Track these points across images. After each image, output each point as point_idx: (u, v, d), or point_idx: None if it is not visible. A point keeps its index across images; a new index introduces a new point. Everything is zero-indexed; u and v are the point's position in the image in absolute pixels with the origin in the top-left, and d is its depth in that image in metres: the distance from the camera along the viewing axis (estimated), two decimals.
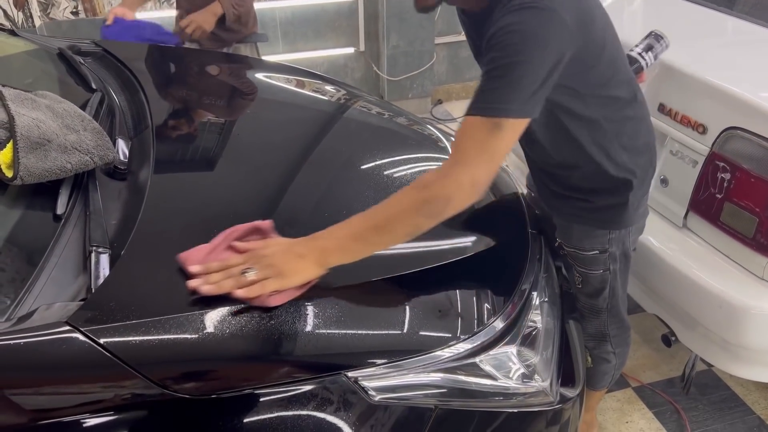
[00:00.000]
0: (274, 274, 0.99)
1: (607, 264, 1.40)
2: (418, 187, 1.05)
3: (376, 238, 1.04)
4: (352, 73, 4.00)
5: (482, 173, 1.04)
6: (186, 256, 1.01)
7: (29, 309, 0.89)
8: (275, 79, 1.90)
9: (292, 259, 1.01)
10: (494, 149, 1.03)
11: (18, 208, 1.08)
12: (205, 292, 0.95)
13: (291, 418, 0.89)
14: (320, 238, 1.04)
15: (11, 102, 1.14)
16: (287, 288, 0.99)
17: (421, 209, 1.03)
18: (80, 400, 0.83)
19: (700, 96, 1.57)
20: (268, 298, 0.97)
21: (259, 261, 1.00)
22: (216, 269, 0.99)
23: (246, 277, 0.97)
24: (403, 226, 1.04)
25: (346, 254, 1.03)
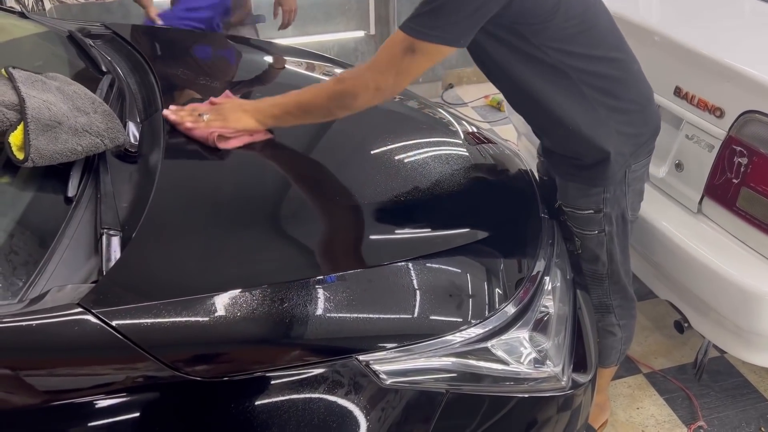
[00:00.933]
0: (220, 118, 1.30)
1: (602, 225, 1.41)
2: (335, 79, 1.26)
3: (299, 113, 1.29)
4: (363, 56, 3.97)
5: (388, 83, 1.19)
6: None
7: (41, 291, 0.89)
8: (286, 62, 1.89)
9: (237, 110, 1.32)
10: (404, 67, 1.17)
11: (29, 190, 1.08)
12: (170, 119, 1.31)
13: (302, 401, 0.89)
14: (262, 102, 1.35)
15: (22, 84, 1.14)
16: (227, 129, 1.29)
17: (332, 98, 1.24)
18: (92, 381, 0.83)
19: (717, 79, 1.54)
20: (215, 140, 1.27)
21: (215, 111, 1.32)
22: (185, 110, 1.33)
23: (201, 118, 1.30)
24: (320, 109, 1.27)
25: (277, 119, 1.32)
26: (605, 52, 1.27)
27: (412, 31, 1.13)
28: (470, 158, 1.49)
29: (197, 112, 1.32)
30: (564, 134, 1.31)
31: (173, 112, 1.33)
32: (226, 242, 1.07)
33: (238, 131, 1.30)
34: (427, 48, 1.14)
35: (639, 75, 1.35)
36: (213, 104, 1.39)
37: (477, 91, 4.06)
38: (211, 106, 1.37)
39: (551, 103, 1.27)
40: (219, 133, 1.27)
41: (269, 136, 1.34)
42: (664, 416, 1.89)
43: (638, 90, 1.34)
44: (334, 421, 0.90)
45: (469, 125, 1.77)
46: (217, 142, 1.26)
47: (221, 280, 0.99)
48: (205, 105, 1.38)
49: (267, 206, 1.21)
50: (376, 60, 1.19)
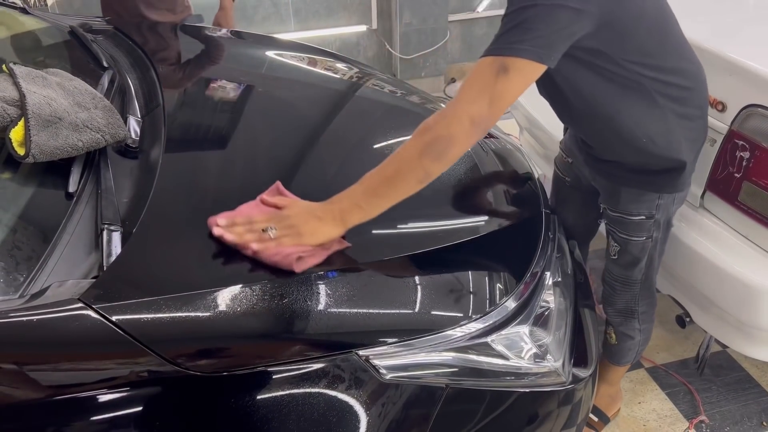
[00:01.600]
0: (292, 233, 1.03)
1: (651, 231, 1.40)
2: (420, 131, 1.06)
3: (389, 190, 1.06)
4: (365, 51, 3.97)
5: (483, 112, 1.04)
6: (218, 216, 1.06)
7: (42, 286, 0.89)
8: (287, 58, 1.89)
9: (310, 221, 1.05)
10: (499, 90, 1.03)
11: (30, 186, 1.09)
12: (228, 240, 1.00)
13: (302, 396, 0.89)
14: (337, 201, 1.07)
15: (22, 80, 1.14)
16: (303, 246, 1.03)
17: (425, 153, 1.04)
18: (93, 377, 0.83)
19: (719, 72, 1.53)
20: (293, 263, 0.99)
21: (280, 221, 1.04)
22: (240, 223, 1.04)
23: (267, 234, 1.02)
24: (413, 173, 1.05)
25: (363, 211, 1.06)
26: (678, 60, 1.24)
27: (502, 50, 1.03)
28: (472, 153, 1.49)
29: (258, 226, 1.04)
30: (635, 147, 1.28)
31: (227, 229, 1.02)
32: None
33: (319, 248, 1.05)
34: (522, 65, 1.03)
35: (704, 84, 1.33)
36: (266, 204, 1.12)
37: None
38: (268, 212, 1.09)
39: (626, 119, 1.24)
40: (298, 257, 1.01)
41: (347, 245, 1.08)
42: (665, 411, 1.89)
43: (703, 97, 1.33)
44: (333, 416, 0.90)
45: None
46: (296, 267, 1.00)
47: (222, 275, 0.99)
48: (260, 210, 1.10)
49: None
50: (463, 93, 1.05)
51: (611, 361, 1.71)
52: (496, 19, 4.05)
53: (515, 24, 1.03)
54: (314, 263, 1.02)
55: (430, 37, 3.81)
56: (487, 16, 4.02)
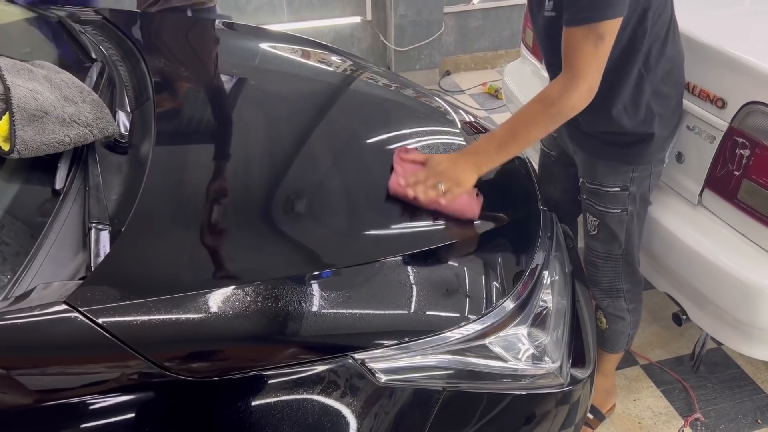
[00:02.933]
0: (455, 183, 1.23)
1: (626, 204, 1.46)
2: (545, 103, 1.23)
3: (515, 146, 1.28)
4: (359, 43, 3.93)
5: (596, 79, 1.20)
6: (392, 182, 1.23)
7: (27, 287, 0.86)
8: (280, 50, 1.85)
9: (460, 171, 1.25)
10: (601, 56, 1.18)
11: (15, 182, 1.05)
12: (421, 200, 1.19)
13: (296, 401, 0.87)
14: (474, 153, 1.29)
15: (7, 72, 1.10)
16: (463, 194, 1.24)
17: (552, 119, 1.24)
18: (80, 381, 0.80)
19: (719, 69, 1.51)
20: (475, 212, 1.24)
21: (440, 175, 1.24)
22: (413, 183, 1.22)
23: (440, 188, 1.21)
24: (538, 133, 1.27)
25: (493, 162, 1.29)
26: (672, 37, 1.34)
27: (594, 17, 1.13)
28: None
29: (430, 183, 1.22)
30: (610, 115, 1.36)
31: (414, 190, 1.21)
32: (218, 237, 1.04)
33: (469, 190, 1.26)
34: (612, 26, 1.15)
35: (682, 64, 1.43)
36: (406, 161, 1.30)
37: (474, 78, 4.03)
38: (422, 169, 1.27)
39: (613, 81, 1.31)
40: (477, 205, 1.25)
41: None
42: (660, 408, 1.89)
43: (680, 77, 1.43)
44: (328, 421, 0.88)
45: (466, 114, 1.74)
46: (477, 213, 1.24)
47: (213, 276, 0.96)
48: (413, 167, 1.28)
49: (261, 200, 1.18)
50: (574, 68, 1.19)
51: (604, 348, 1.72)
52: (491, 11, 4.01)
53: None
54: (479, 206, 1.25)
55: (425, 29, 3.77)
56: (483, 8, 3.98)
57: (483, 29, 4.08)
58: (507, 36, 4.14)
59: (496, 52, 4.19)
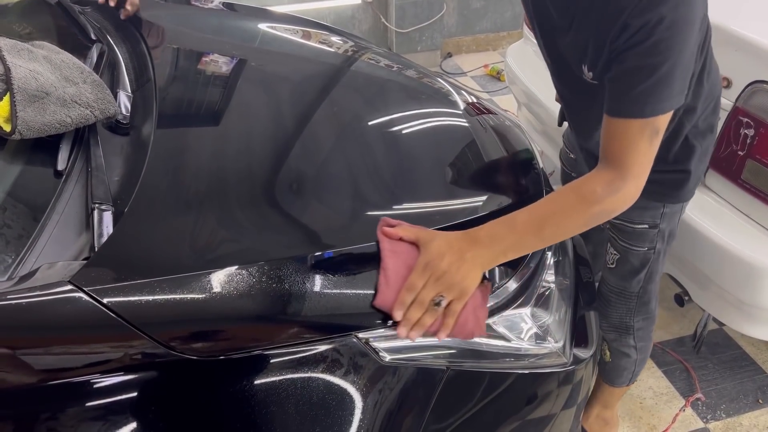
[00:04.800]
0: (458, 294, 0.95)
1: (654, 242, 1.33)
2: (587, 200, 1.00)
3: (539, 241, 1.03)
4: (360, 24, 3.90)
5: (646, 176, 1.02)
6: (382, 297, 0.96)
7: (31, 268, 0.86)
8: (282, 30, 1.84)
9: (466, 270, 0.96)
10: (654, 150, 1.01)
11: (17, 163, 1.05)
12: (415, 338, 0.94)
13: (300, 380, 0.87)
14: (484, 245, 0.99)
15: (7, 53, 1.09)
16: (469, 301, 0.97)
17: (593, 218, 1.02)
18: (85, 361, 0.81)
19: (724, 48, 1.50)
20: (472, 331, 0.97)
21: (439, 280, 0.95)
22: (410, 302, 0.94)
23: (440, 307, 0.94)
24: (570, 230, 1.05)
25: (507, 258, 1.01)
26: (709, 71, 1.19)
27: (654, 111, 0.97)
28: (471, 130, 1.46)
29: (426, 299, 0.94)
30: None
31: (408, 323, 0.93)
32: (221, 217, 1.04)
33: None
34: (665, 120, 0.99)
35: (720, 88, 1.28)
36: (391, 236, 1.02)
37: (476, 60, 4.00)
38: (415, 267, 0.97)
39: None
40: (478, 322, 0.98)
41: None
42: (662, 388, 1.90)
43: (717, 106, 1.27)
44: (333, 400, 0.88)
45: (469, 95, 1.73)
46: (477, 334, 0.99)
47: (217, 256, 0.96)
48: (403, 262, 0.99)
49: (263, 181, 1.18)
50: (627, 168, 1.00)
51: (605, 380, 1.63)
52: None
53: (656, 79, 0.95)
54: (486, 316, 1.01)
55: (426, 10, 3.74)
56: None
57: (485, 10, 4.04)
58: (509, 17, 4.11)
59: (498, 34, 4.16)
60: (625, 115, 0.98)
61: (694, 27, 0.96)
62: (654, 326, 1.51)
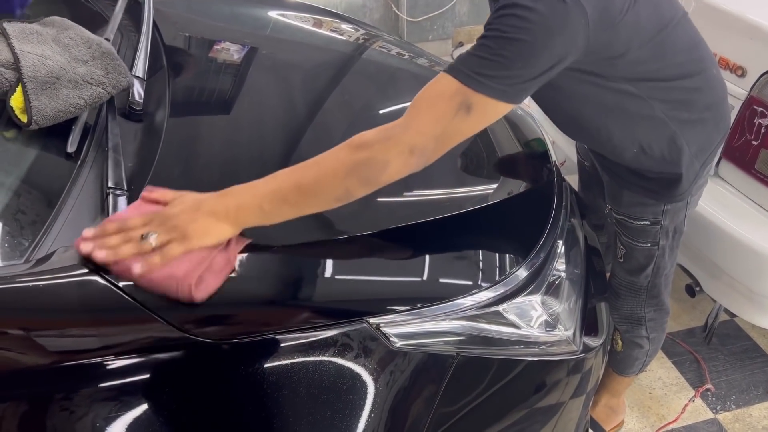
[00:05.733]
0: (178, 236, 0.85)
1: (657, 238, 1.30)
2: (353, 146, 0.91)
3: (300, 199, 0.90)
4: (371, 13, 3.88)
5: (429, 146, 0.91)
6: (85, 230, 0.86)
7: (47, 251, 0.87)
8: (292, 18, 1.84)
9: (200, 218, 0.87)
10: (453, 128, 0.91)
11: (33, 148, 1.06)
12: (99, 259, 0.82)
13: (312, 364, 0.88)
14: (236, 194, 0.90)
15: (15, 39, 1.09)
16: (195, 254, 0.86)
17: (353, 172, 0.90)
18: (99, 343, 0.82)
19: (739, 36, 1.49)
20: (192, 290, 0.82)
21: (162, 222, 0.86)
22: (113, 231, 0.85)
23: (147, 242, 0.83)
24: (332, 189, 0.91)
25: (265, 215, 0.90)
26: (680, 65, 1.11)
27: (471, 78, 0.89)
28: None
29: (135, 233, 0.84)
30: (629, 156, 1.19)
31: (101, 244, 0.83)
32: None
33: (208, 249, 0.87)
34: (487, 104, 0.90)
35: (716, 80, 1.20)
36: (148, 203, 0.92)
37: None
38: (147, 213, 0.89)
39: (614, 131, 1.15)
40: (194, 280, 0.83)
41: (246, 241, 0.93)
42: (671, 379, 1.90)
43: (714, 95, 1.20)
44: (344, 384, 0.89)
45: None
46: (196, 294, 0.83)
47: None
48: (139, 211, 0.90)
49: (276, 166, 1.18)
50: (414, 116, 0.91)
51: (615, 369, 1.62)
52: None
53: (494, 53, 0.88)
54: (216, 285, 0.85)
55: None
56: None
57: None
58: None
59: None
60: (448, 70, 0.91)
61: (554, 42, 0.89)
62: (668, 318, 1.50)
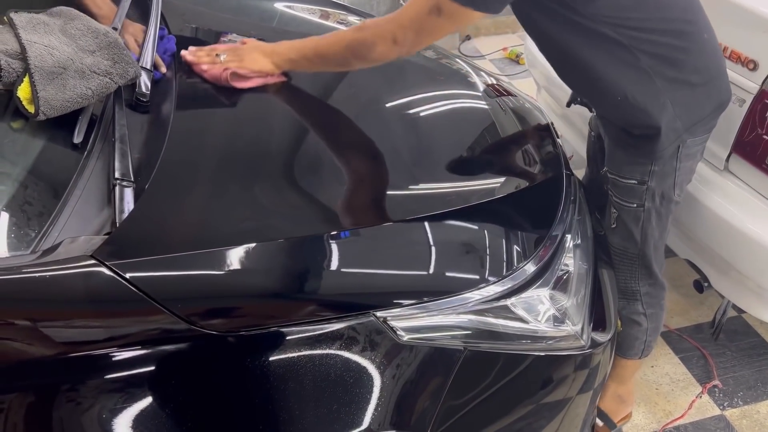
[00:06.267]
0: (237, 59, 1.28)
1: (643, 198, 1.35)
2: (356, 27, 1.22)
3: (316, 59, 1.26)
4: (377, 6, 3.86)
5: (407, 39, 1.15)
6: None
7: (54, 242, 0.87)
8: (299, 10, 1.83)
9: (254, 52, 1.30)
10: (427, 26, 1.13)
11: (40, 139, 1.06)
12: (188, 60, 1.31)
13: (318, 357, 0.88)
14: (280, 45, 1.30)
15: (22, 30, 1.08)
16: (243, 70, 1.28)
17: (350, 47, 1.20)
18: (105, 334, 0.82)
19: (751, 29, 1.47)
20: (227, 75, 1.27)
21: (233, 51, 1.30)
22: (204, 52, 1.31)
23: (219, 58, 1.28)
24: (336, 57, 1.23)
25: (293, 63, 1.30)
26: (667, 21, 1.18)
27: None
28: (490, 112, 1.44)
29: (215, 52, 1.30)
30: (613, 104, 1.25)
31: (191, 53, 1.32)
32: (241, 195, 1.05)
33: (253, 72, 1.29)
34: (455, 10, 1.08)
35: (708, 45, 1.26)
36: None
37: (495, 43, 3.95)
38: (230, 47, 1.35)
39: (602, 72, 1.21)
40: (233, 71, 1.27)
41: (283, 79, 1.33)
42: (678, 375, 1.89)
43: (705, 61, 1.25)
44: (351, 377, 0.88)
45: (489, 77, 1.71)
46: (231, 81, 1.27)
47: (237, 233, 0.96)
48: (225, 46, 1.36)
49: (283, 159, 1.18)
50: (400, 12, 1.15)
51: (617, 351, 1.61)
52: None
53: None
54: (248, 85, 1.29)
55: None
56: None
57: None
58: None
59: None
60: None
61: None
62: (664, 294, 1.52)
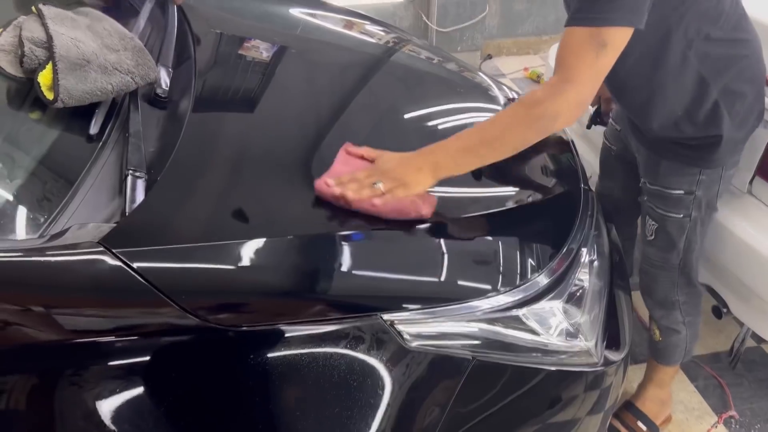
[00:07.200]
0: (399, 184, 1.04)
1: (690, 208, 1.35)
2: (527, 104, 1.07)
3: (486, 151, 1.08)
4: (400, 22, 3.88)
5: (588, 90, 1.06)
6: (319, 182, 1.05)
7: (62, 228, 0.87)
8: (322, 19, 1.83)
9: (411, 171, 1.07)
10: (600, 67, 1.05)
11: (57, 128, 1.06)
12: (350, 198, 1.01)
13: (323, 356, 0.85)
14: (433, 153, 1.09)
15: (51, 21, 1.10)
16: (411, 193, 1.06)
17: (531, 126, 1.07)
18: (110, 323, 0.80)
19: None
20: (421, 208, 1.05)
21: (384, 174, 1.06)
22: (348, 181, 1.04)
23: (378, 187, 1.03)
24: (513, 141, 1.09)
25: (457, 167, 1.09)
26: (730, 30, 1.21)
27: (597, 20, 1.02)
28: None
29: (367, 181, 1.04)
30: (672, 119, 1.26)
31: (342, 188, 1.02)
32: (253, 192, 1.04)
33: (419, 197, 1.08)
34: (618, 35, 1.04)
35: (759, 55, 1.29)
36: (352, 155, 1.13)
37: (516, 63, 3.95)
38: (365, 167, 1.09)
39: (667, 91, 1.22)
40: (425, 204, 1.06)
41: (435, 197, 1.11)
42: (693, 403, 1.83)
43: (756, 71, 1.28)
44: (354, 380, 0.86)
45: (510, 91, 1.70)
46: (425, 211, 1.06)
47: (247, 228, 0.95)
48: (354, 165, 1.10)
49: (298, 159, 1.17)
50: (566, 71, 1.05)
51: (658, 360, 1.63)
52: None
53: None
54: (433, 209, 1.07)
55: (469, 9, 3.71)
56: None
57: (528, 13, 3.99)
58: (552, 21, 4.05)
59: (539, 38, 4.10)
60: (571, 24, 1.05)
61: None
62: (701, 300, 1.52)
